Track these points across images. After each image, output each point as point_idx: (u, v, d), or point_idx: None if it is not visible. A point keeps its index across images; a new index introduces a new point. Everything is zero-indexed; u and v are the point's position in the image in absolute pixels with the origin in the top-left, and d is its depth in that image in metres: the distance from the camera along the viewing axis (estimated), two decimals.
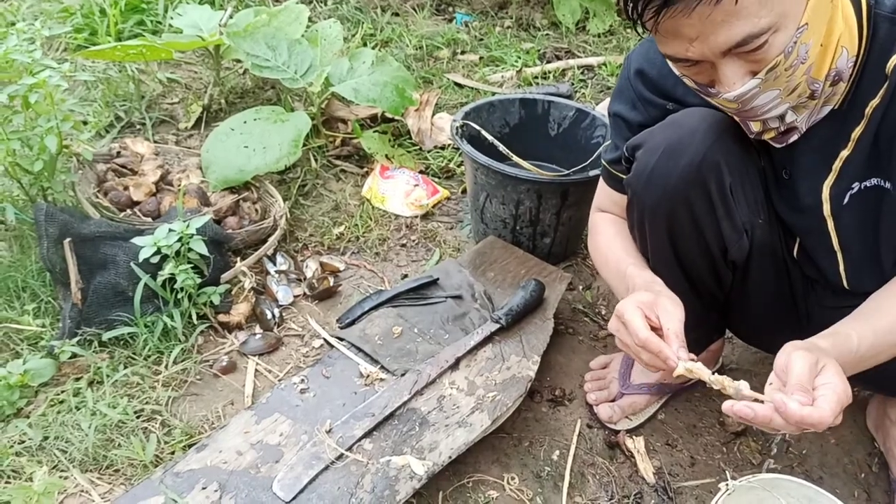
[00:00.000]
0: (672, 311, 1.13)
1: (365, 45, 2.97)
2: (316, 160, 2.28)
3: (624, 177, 1.38)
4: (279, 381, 1.62)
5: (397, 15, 3.30)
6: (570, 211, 1.95)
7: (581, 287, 2.02)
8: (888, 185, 1.17)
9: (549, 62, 3.09)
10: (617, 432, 1.63)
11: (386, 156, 2.30)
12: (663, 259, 1.38)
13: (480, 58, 3.07)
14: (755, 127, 1.18)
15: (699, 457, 1.62)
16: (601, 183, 1.51)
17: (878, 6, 1.11)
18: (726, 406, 1.00)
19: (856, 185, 1.21)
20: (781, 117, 1.14)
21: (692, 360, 1.11)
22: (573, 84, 2.95)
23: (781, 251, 1.40)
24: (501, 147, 1.90)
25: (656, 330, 1.13)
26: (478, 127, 1.95)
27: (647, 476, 1.56)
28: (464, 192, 2.28)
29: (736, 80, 1.05)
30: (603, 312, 1.95)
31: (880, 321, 1.13)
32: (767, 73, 1.04)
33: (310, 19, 2.77)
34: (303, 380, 1.53)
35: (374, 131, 2.39)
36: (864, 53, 1.11)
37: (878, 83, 1.11)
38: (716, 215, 1.29)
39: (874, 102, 1.12)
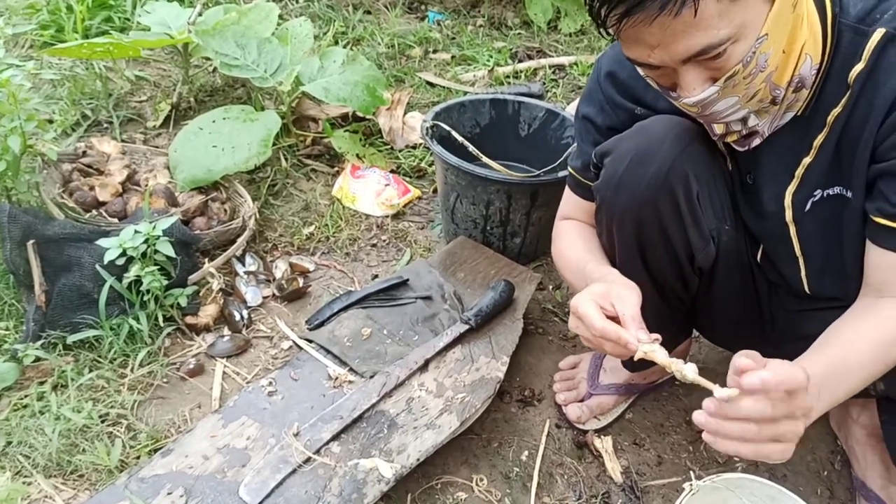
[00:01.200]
0: (627, 297, 1.13)
1: (336, 43, 2.96)
2: (286, 159, 2.27)
3: (591, 184, 1.38)
4: (247, 383, 1.61)
5: (369, 13, 3.29)
6: (539, 211, 1.95)
7: (551, 287, 2.02)
8: (849, 194, 1.18)
9: (520, 61, 3.10)
10: (585, 432, 1.64)
11: (357, 155, 2.29)
12: (631, 264, 1.39)
13: (452, 57, 3.07)
14: (718, 129, 1.19)
15: (666, 456, 1.64)
16: (567, 191, 1.51)
17: (843, 15, 1.11)
18: (703, 411, 1.00)
19: (818, 193, 1.22)
20: (744, 120, 1.15)
21: (655, 339, 1.10)
22: (545, 83, 2.96)
23: (747, 256, 1.42)
24: (471, 148, 1.91)
25: (615, 319, 1.13)
26: (448, 127, 1.95)
27: (614, 475, 1.57)
28: (435, 191, 2.28)
29: (696, 87, 1.06)
30: None
31: (866, 349, 1.12)
32: (726, 81, 1.04)
33: (281, 17, 2.76)
34: (271, 382, 1.52)
35: (345, 130, 2.38)
36: (827, 62, 1.12)
37: (840, 92, 1.13)
38: (683, 223, 1.30)
39: (836, 111, 1.13)
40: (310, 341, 1.64)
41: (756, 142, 1.21)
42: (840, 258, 1.25)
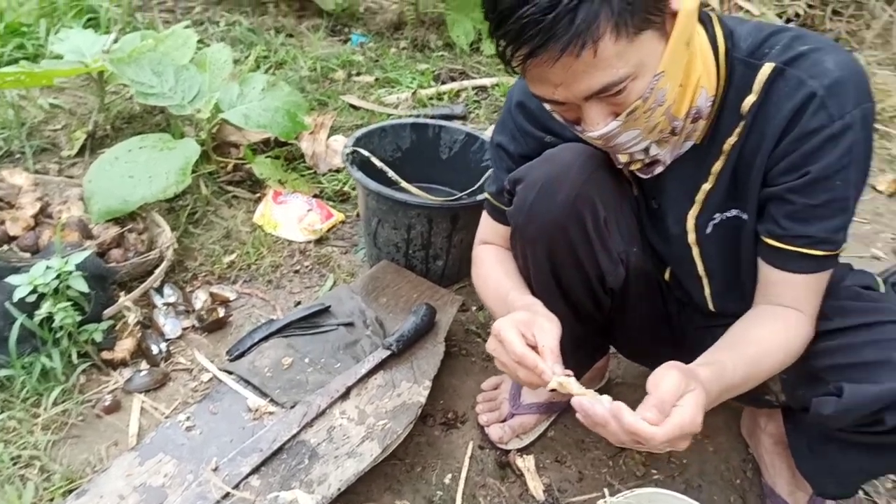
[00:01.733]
0: (548, 329, 1.16)
1: (258, 67, 2.95)
2: (207, 187, 2.25)
3: (507, 208, 1.41)
4: (165, 418, 1.59)
5: (292, 36, 3.29)
6: (461, 234, 1.98)
7: (474, 308, 2.05)
8: (745, 216, 1.25)
9: (443, 83, 3.13)
10: (507, 452, 1.66)
11: (279, 181, 2.28)
12: (545, 287, 1.43)
13: (376, 79, 3.09)
14: (622, 158, 1.23)
15: (587, 471, 1.67)
16: (484, 215, 1.54)
17: (735, 50, 1.17)
18: (574, 401, 1.05)
19: (717, 216, 1.28)
20: (646, 150, 1.20)
21: (567, 374, 1.13)
22: (467, 105, 3.00)
23: (655, 277, 1.47)
24: (391, 173, 1.92)
25: (534, 348, 1.16)
26: (367, 153, 1.96)
27: (536, 494, 1.59)
28: (359, 215, 2.29)
29: (599, 121, 1.10)
30: None
31: (750, 351, 1.20)
32: (627, 116, 1.09)
33: (201, 41, 2.75)
34: (189, 417, 1.50)
35: (267, 156, 2.37)
36: (722, 94, 1.18)
37: (734, 122, 1.19)
38: (592, 247, 1.34)
39: (732, 140, 1.20)
40: (229, 373, 1.63)
41: (658, 170, 1.26)
42: (739, 276, 1.32)
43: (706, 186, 1.26)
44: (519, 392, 1.73)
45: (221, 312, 1.85)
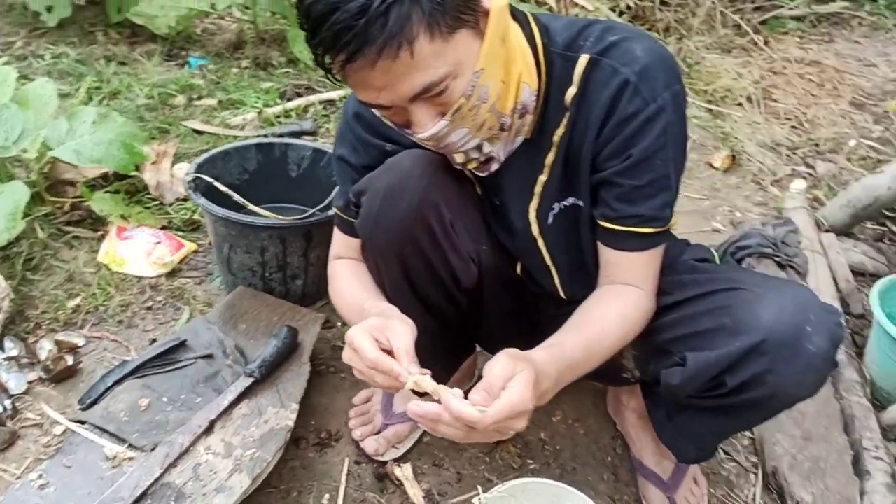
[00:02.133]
0: (401, 331, 1.15)
1: (91, 99, 2.81)
2: (43, 229, 2.13)
3: (356, 221, 1.41)
4: (16, 479, 1.49)
5: (124, 64, 3.16)
6: (317, 250, 1.96)
7: (339, 324, 2.03)
8: (581, 203, 1.31)
9: (290, 100, 3.10)
10: (385, 463, 1.66)
11: (122, 216, 2.19)
12: (401, 293, 1.44)
13: (219, 101, 3.02)
14: (458, 158, 1.25)
15: (465, 471, 1.69)
16: (336, 231, 1.53)
17: (552, 45, 1.22)
18: (409, 408, 1.06)
19: (556, 206, 1.34)
20: (479, 148, 1.22)
21: (423, 373, 1.12)
22: (316, 120, 2.98)
23: (508, 271, 1.51)
24: (237, 197, 1.88)
25: (390, 353, 1.15)
26: (210, 178, 1.91)
27: (417, 501, 1.60)
28: (211, 243, 2.23)
29: (427, 122, 1.12)
30: None
31: (590, 329, 1.25)
32: (454, 114, 1.11)
33: (26, 77, 2.61)
34: (41, 475, 1.42)
35: (106, 191, 2.27)
36: (545, 88, 1.23)
37: (560, 114, 1.24)
38: (442, 249, 1.36)
39: (560, 131, 1.25)
40: (82, 422, 1.54)
41: (495, 166, 1.29)
42: (584, 262, 1.38)
43: (542, 178, 1.30)
44: (391, 402, 1.73)
45: (70, 360, 1.75)
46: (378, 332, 1.16)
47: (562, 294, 1.47)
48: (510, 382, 1.04)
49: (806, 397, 1.29)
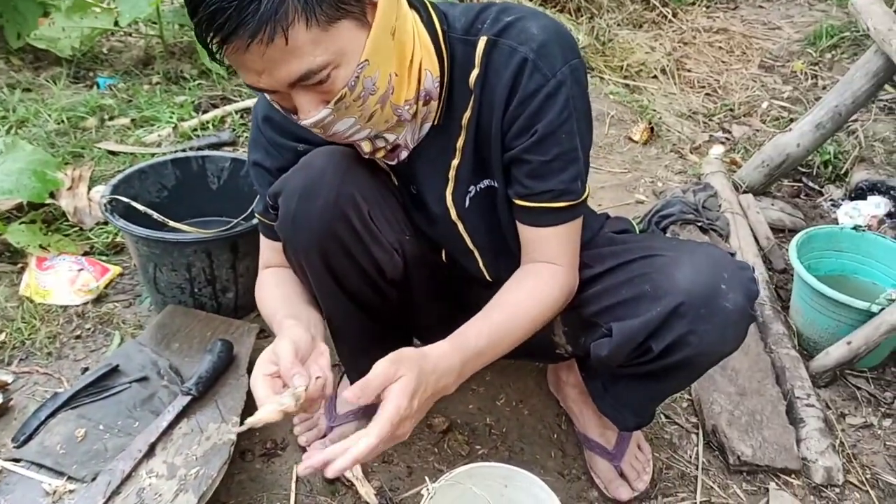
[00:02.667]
0: (282, 351, 1.14)
1: None
2: None
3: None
4: None
5: (29, 90, 3.06)
6: (245, 261, 1.94)
7: None
8: (496, 184, 1.32)
9: (205, 112, 3.05)
10: None
11: (41, 246, 2.13)
12: (328, 291, 1.44)
13: (132, 120, 2.95)
14: (366, 148, 1.26)
15: (415, 464, 1.70)
16: (261, 238, 1.52)
17: (451, 30, 1.24)
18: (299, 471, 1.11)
19: (472, 189, 1.35)
20: (378, 138, 1.23)
21: (319, 378, 1.13)
22: (234, 129, 2.94)
23: (433, 259, 1.51)
24: (155, 215, 1.85)
25: None
26: (127, 199, 1.87)
27: (369, 499, 1.60)
28: (136, 265, 2.18)
29: (310, 109, 1.11)
30: None
31: (501, 314, 1.28)
32: (337, 104, 1.11)
33: None
34: None
35: (22, 223, 2.20)
36: (448, 73, 1.24)
37: (466, 97, 1.25)
38: (364, 242, 1.36)
39: (467, 114, 1.26)
40: (18, 460, 1.50)
41: (404, 154, 1.30)
42: (505, 243, 1.40)
43: (455, 162, 1.32)
44: (334, 404, 1.73)
45: (0, 398, 1.70)
46: (268, 364, 1.15)
47: (487, 277, 1.48)
48: (385, 393, 1.08)
49: (729, 353, 1.34)
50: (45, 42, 3.29)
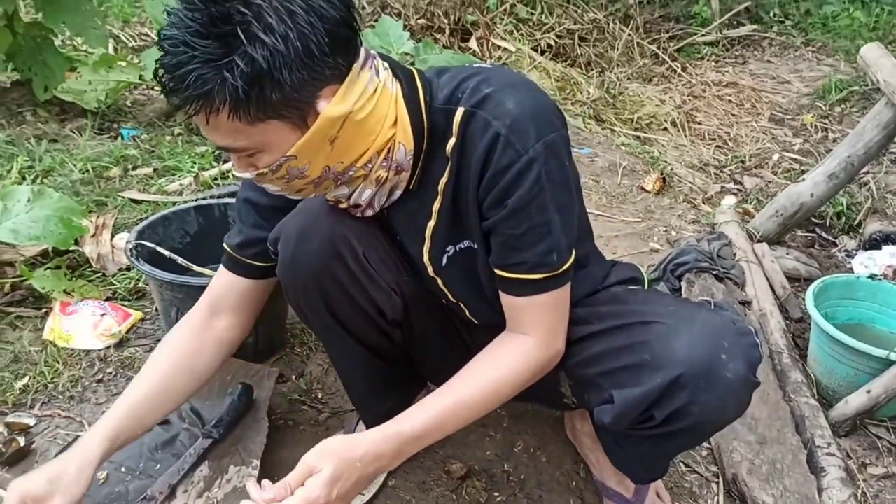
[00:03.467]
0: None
1: (24, 178, 2.78)
2: None
3: (247, 261, 1.49)
4: None
5: (56, 141, 3.13)
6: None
7: (294, 376, 2.03)
8: (475, 245, 1.34)
9: (225, 162, 3.10)
10: None
11: (65, 291, 2.16)
12: (333, 333, 1.49)
13: (155, 169, 3.01)
14: (329, 197, 1.32)
15: None
16: (220, 269, 1.54)
17: (434, 101, 1.27)
18: None
19: (450, 249, 1.38)
20: (347, 196, 1.29)
21: None
22: None
23: (432, 300, 1.53)
24: (180, 260, 1.88)
25: None
26: (152, 245, 1.91)
27: None
28: (158, 310, 2.21)
29: (239, 167, 1.20)
30: (320, 396, 1.98)
31: (448, 398, 1.31)
32: (258, 175, 1.18)
33: None
34: None
35: (47, 268, 2.24)
36: (427, 141, 1.27)
37: (443, 164, 1.28)
38: (361, 282, 1.41)
39: (444, 180, 1.29)
40: None
41: (369, 213, 1.35)
42: (485, 299, 1.41)
43: (430, 223, 1.35)
44: None
45: (22, 442, 1.71)
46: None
47: (476, 322, 1.51)
48: (307, 481, 1.15)
49: (733, 419, 1.34)
50: (72, 95, 3.38)
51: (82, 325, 2.07)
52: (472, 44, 4.80)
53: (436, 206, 1.32)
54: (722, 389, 1.23)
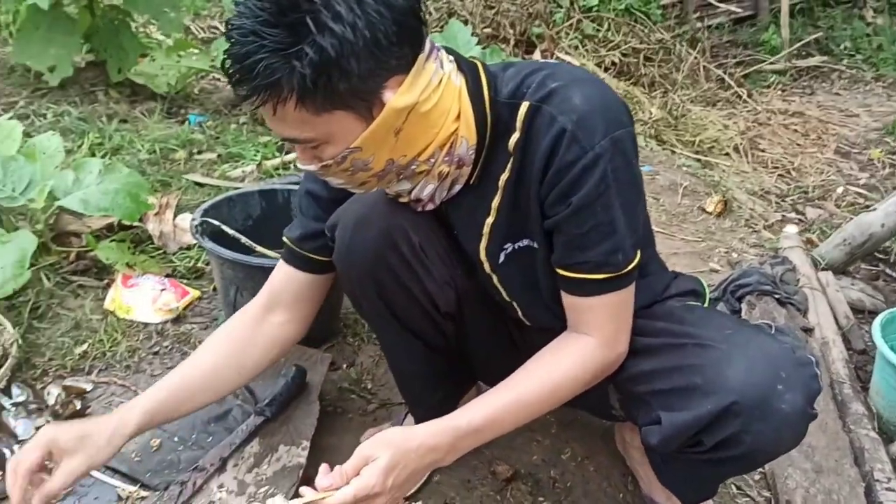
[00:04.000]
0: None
1: (94, 154, 2.85)
2: (49, 279, 2.13)
3: (307, 254, 1.45)
4: None
5: (126, 122, 3.20)
6: None
7: (345, 365, 2.04)
8: (535, 245, 1.31)
9: (288, 153, 3.14)
10: None
11: (127, 264, 2.20)
12: (387, 324, 1.49)
13: (219, 155, 3.06)
14: (390, 192, 1.32)
15: None
16: (279, 264, 1.52)
17: (498, 96, 1.24)
18: None
19: (508, 246, 1.35)
20: (409, 191, 1.28)
21: None
22: None
23: (486, 295, 1.50)
24: (244, 239, 1.90)
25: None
26: (217, 222, 1.93)
27: None
28: (215, 289, 2.23)
29: (304, 160, 1.20)
30: (369, 387, 1.98)
31: (507, 394, 1.28)
32: (322, 168, 1.17)
33: (28, 134, 2.63)
34: None
35: (112, 241, 2.28)
36: (490, 136, 1.24)
37: (505, 159, 1.25)
38: (416, 272, 1.40)
39: (505, 175, 1.26)
40: None
41: (429, 207, 1.33)
42: (540, 300, 1.39)
43: (489, 220, 1.32)
44: None
45: (78, 405, 1.74)
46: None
47: (527, 322, 1.48)
48: (363, 469, 1.14)
49: (788, 451, 1.29)
50: (144, 78, 3.46)
51: (142, 298, 2.10)
52: (536, 56, 4.80)
53: (495, 202, 1.29)
54: (777, 421, 1.19)
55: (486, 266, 1.38)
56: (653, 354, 1.33)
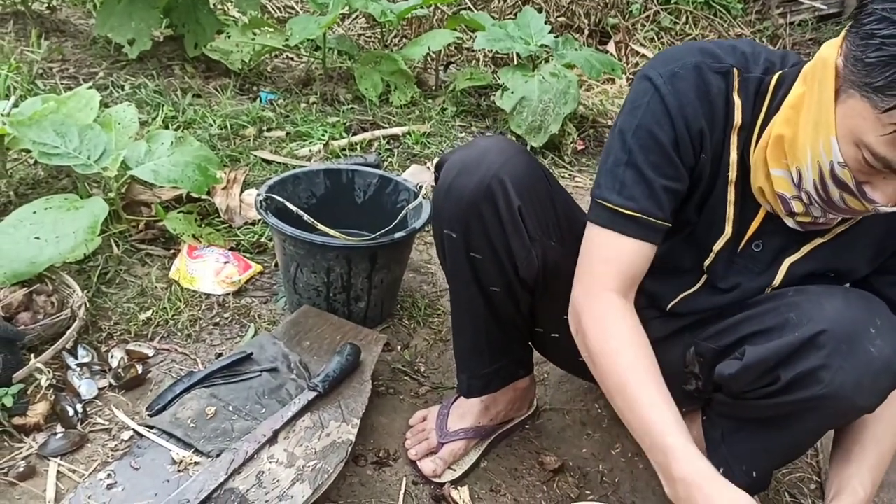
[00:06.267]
0: None
1: (167, 127, 2.92)
2: (118, 246, 2.20)
3: (652, 220, 1.24)
4: (84, 479, 1.52)
5: (199, 96, 3.27)
6: (380, 274, 1.98)
7: (399, 347, 2.05)
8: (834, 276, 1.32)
9: (355, 134, 3.17)
10: (442, 485, 1.65)
11: (193, 235, 2.25)
12: (461, 275, 1.48)
13: (287, 133, 3.10)
14: (797, 208, 1.21)
15: (522, 498, 1.67)
16: (603, 236, 1.26)
17: None
18: None
19: (817, 270, 1.33)
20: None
21: None
22: (380, 154, 3.04)
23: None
24: (307, 217, 1.92)
25: None
26: (282, 199, 1.96)
27: None
28: (276, 265, 2.27)
29: None
30: (422, 370, 1.99)
31: (870, 460, 1.29)
32: None
33: (106, 105, 2.71)
34: (109, 475, 1.44)
35: (180, 212, 2.34)
36: None
37: None
38: (505, 230, 1.39)
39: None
40: (150, 427, 1.57)
41: (811, 227, 1.28)
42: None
43: (819, 240, 1.30)
44: (446, 420, 1.72)
45: (139, 369, 1.79)
46: None
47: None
48: None
49: (862, 408, 1.21)
50: (219, 54, 3.52)
51: (206, 269, 2.15)
52: (610, 47, 4.72)
53: (840, 228, 1.29)
54: (861, 363, 1.14)
55: (777, 279, 1.34)
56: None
